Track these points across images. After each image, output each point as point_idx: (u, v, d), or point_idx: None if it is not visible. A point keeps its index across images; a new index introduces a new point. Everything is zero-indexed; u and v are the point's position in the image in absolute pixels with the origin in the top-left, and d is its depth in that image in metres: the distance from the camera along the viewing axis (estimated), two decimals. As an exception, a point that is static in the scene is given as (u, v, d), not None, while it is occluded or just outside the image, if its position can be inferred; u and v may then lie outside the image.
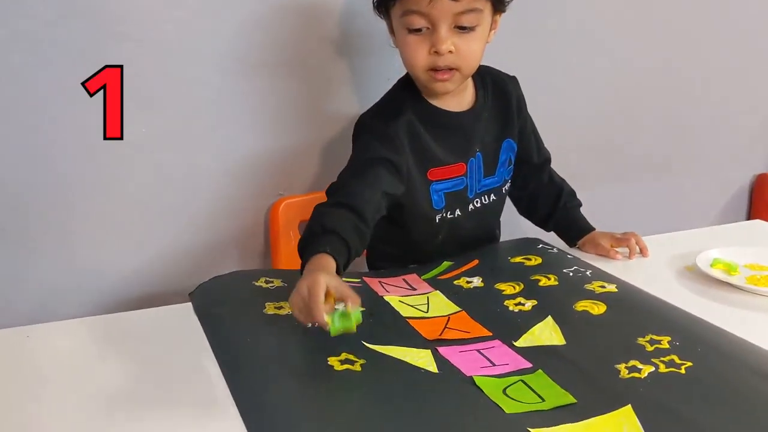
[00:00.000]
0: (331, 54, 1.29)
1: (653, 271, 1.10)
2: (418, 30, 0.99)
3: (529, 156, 1.20)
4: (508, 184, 1.18)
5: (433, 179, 1.07)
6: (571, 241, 1.20)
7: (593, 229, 1.19)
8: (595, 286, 0.97)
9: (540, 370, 0.77)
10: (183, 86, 1.19)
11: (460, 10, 0.97)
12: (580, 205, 1.23)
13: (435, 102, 1.08)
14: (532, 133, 1.21)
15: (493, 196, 1.15)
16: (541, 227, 1.25)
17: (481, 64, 1.07)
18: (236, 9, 1.20)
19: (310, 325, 0.78)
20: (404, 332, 0.86)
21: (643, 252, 1.14)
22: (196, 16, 1.17)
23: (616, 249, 1.14)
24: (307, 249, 0.87)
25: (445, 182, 1.09)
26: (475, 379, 0.75)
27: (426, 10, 0.97)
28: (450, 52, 0.99)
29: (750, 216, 1.86)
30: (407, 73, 1.10)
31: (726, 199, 1.85)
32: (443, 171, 1.08)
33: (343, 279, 1.00)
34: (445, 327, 0.88)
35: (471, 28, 0.99)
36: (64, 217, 1.16)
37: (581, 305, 0.92)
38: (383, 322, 0.88)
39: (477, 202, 1.13)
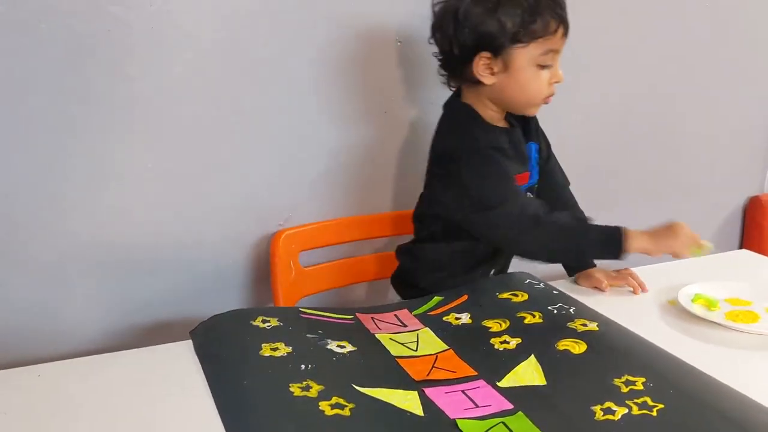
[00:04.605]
0: (336, 88, 1.34)
1: (637, 305, 1.14)
2: (548, 66, 1.11)
3: (554, 170, 1.30)
4: None
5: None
6: (571, 272, 1.26)
7: (594, 265, 1.24)
8: (577, 324, 1.02)
9: (520, 412, 0.81)
10: (187, 121, 1.24)
11: None
12: None
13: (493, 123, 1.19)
14: (550, 149, 1.30)
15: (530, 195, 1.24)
16: None
17: None
18: (242, 49, 1.25)
19: None
20: (393, 373, 0.90)
21: (640, 288, 1.19)
22: (203, 58, 1.22)
23: (611, 285, 1.20)
24: (591, 233, 1.11)
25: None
26: (458, 422, 0.79)
27: (560, 49, 1.12)
28: None
29: (743, 238, 1.89)
30: (462, 104, 1.18)
31: (720, 222, 1.88)
32: (519, 178, 1.20)
33: (336, 315, 1.06)
34: (433, 366, 0.93)
35: None
36: (68, 247, 1.21)
37: (563, 344, 0.96)
38: (374, 363, 0.93)
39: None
